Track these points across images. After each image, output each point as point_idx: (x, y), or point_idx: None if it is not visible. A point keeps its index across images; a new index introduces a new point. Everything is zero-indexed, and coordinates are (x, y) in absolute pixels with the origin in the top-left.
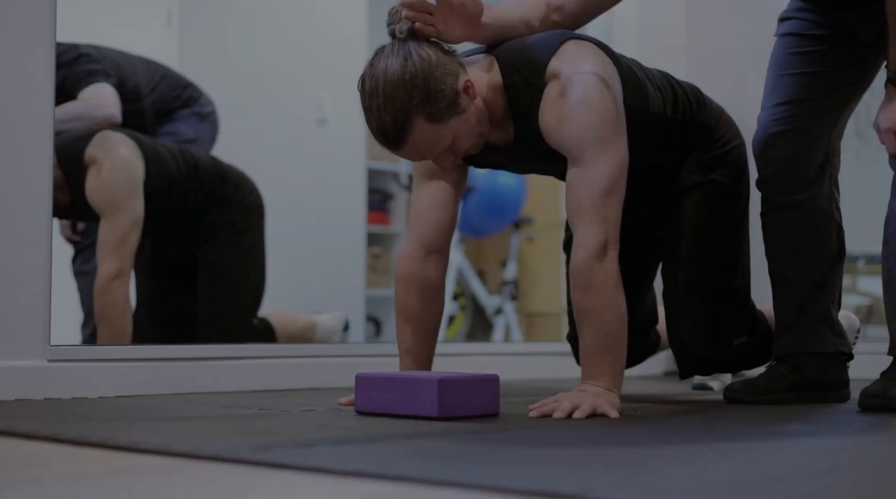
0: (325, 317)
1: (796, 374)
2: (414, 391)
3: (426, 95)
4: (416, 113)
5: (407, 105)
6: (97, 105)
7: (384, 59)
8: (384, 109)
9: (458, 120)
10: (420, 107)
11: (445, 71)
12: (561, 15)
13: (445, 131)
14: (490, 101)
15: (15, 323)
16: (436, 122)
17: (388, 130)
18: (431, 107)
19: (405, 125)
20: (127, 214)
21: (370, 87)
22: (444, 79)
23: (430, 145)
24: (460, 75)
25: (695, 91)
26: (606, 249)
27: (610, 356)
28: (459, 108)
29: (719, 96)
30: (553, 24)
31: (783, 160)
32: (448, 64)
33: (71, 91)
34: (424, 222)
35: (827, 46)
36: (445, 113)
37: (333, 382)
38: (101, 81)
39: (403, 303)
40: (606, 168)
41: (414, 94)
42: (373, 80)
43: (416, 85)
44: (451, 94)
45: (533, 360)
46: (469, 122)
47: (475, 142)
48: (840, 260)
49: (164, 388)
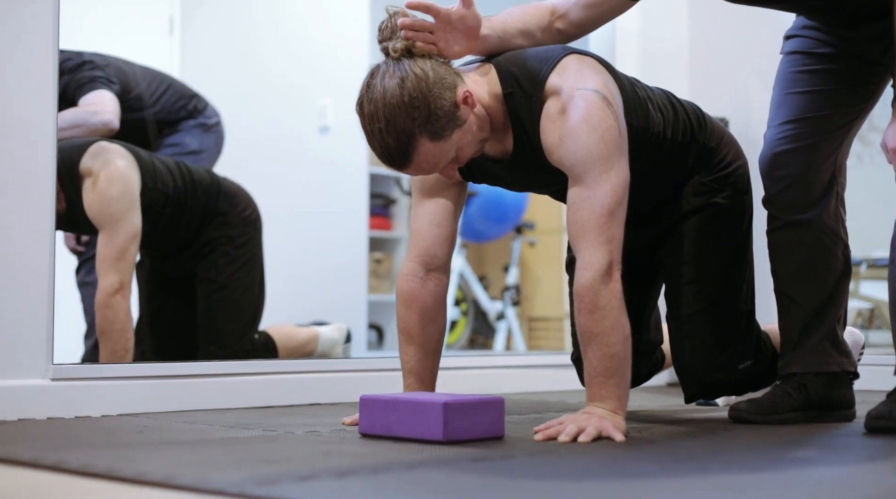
0: (327, 328)
1: (802, 393)
2: (418, 415)
3: (427, 115)
4: (419, 133)
5: (409, 127)
6: (94, 111)
7: (381, 81)
8: (386, 133)
9: (460, 132)
10: (422, 127)
11: (443, 85)
12: (564, 23)
13: (448, 146)
14: (490, 109)
15: (18, 342)
16: (439, 140)
17: (392, 152)
18: (433, 125)
19: (409, 147)
20: (125, 228)
21: (370, 110)
22: (442, 94)
23: (434, 161)
24: (458, 86)
25: (696, 111)
26: (611, 271)
27: (615, 378)
28: (460, 120)
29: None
30: (556, 32)
31: (790, 179)
32: (445, 76)
33: (73, 97)
34: (424, 241)
35: (833, 64)
36: (447, 128)
37: (336, 397)
38: (102, 88)
39: (405, 322)
40: (610, 187)
41: (415, 115)
42: (372, 103)
43: (416, 106)
44: (450, 108)
45: (536, 372)
46: (471, 132)
47: (478, 148)
48: (846, 279)
49: (167, 405)
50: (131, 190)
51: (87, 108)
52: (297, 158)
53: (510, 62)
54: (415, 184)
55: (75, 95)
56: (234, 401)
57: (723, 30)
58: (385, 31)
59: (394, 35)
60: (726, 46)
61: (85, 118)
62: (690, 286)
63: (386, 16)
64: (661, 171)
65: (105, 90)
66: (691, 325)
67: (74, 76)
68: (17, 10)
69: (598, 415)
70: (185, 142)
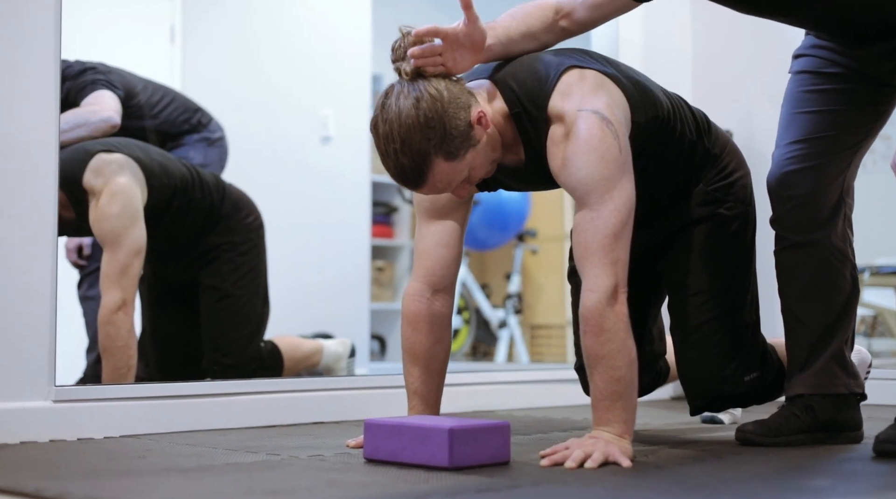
0: (331, 342)
1: (809, 415)
2: (424, 441)
3: (443, 135)
4: (435, 153)
5: (425, 147)
6: (95, 110)
7: (396, 101)
8: (402, 153)
9: (474, 152)
10: (438, 147)
11: (458, 105)
12: (569, 21)
13: (462, 165)
14: (500, 127)
15: (19, 364)
16: (453, 159)
17: (407, 172)
18: (448, 145)
19: (424, 167)
20: (127, 244)
21: (385, 131)
22: (457, 114)
23: (448, 181)
24: (472, 106)
25: (703, 116)
26: (616, 293)
27: (621, 402)
28: (474, 140)
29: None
30: (560, 30)
31: (798, 199)
32: (460, 96)
33: (75, 102)
34: (430, 261)
35: (842, 84)
36: (462, 148)
37: (340, 415)
38: (102, 88)
39: (410, 343)
40: (613, 207)
41: (431, 136)
42: (387, 124)
43: (431, 126)
44: (465, 128)
45: (540, 388)
46: (484, 152)
47: (490, 168)
48: (854, 300)
49: (169, 425)
50: (133, 205)
51: (88, 108)
52: (299, 169)
53: (510, 78)
54: (420, 205)
55: (77, 99)
56: (237, 420)
57: (727, 41)
58: (398, 51)
59: (406, 56)
60: (730, 58)
61: (86, 117)
62: (695, 298)
63: (398, 35)
64: (668, 164)
65: (105, 90)
66: (696, 336)
67: (76, 82)
68: (18, 22)
69: (604, 439)
70: (189, 156)
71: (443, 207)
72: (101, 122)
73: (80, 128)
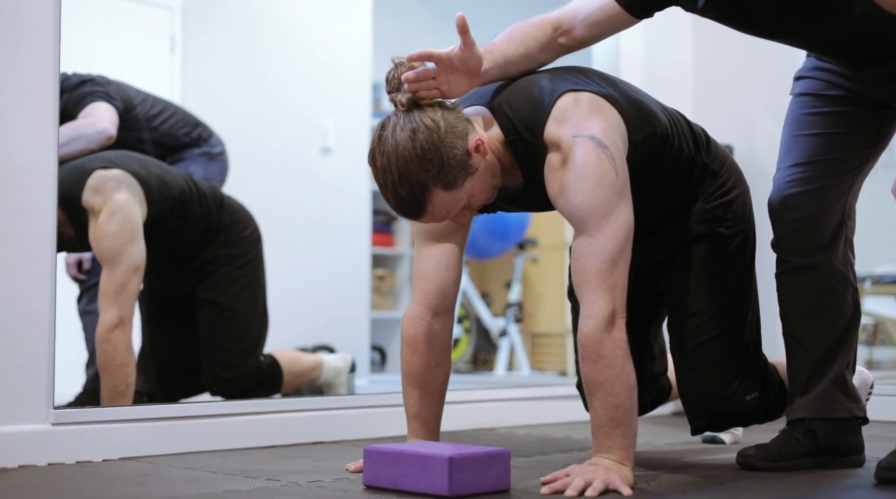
0: (332, 357)
1: (810, 439)
2: (424, 469)
3: (441, 166)
4: (433, 184)
5: (423, 178)
6: (90, 123)
7: (392, 134)
8: (400, 185)
9: (472, 180)
10: (436, 178)
11: (455, 134)
12: (568, 39)
13: (461, 194)
14: (498, 153)
15: (18, 387)
16: (452, 189)
17: (406, 204)
18: (446, 175)
19: (423, 198)
20: (125, 262)
21: (383, 164)
22: (455, 143)
23: (447, 209)
24: (470, 135)
25: (702, 132)
26: (614, 319)
27: (621, 428)
28: (472, 168)
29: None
30: (558, 47)
31: (799, 222)
32: (457, 125)
33: (72, 114)
34: (430, 284)
35: (844, 107)
36: (460, 177)
37: (340, 434)
38: (99, 101)
39: (410, 366)
40: (610, 232)
41: (428, 167)
42: (384, 156)
43: (428, 158)
44: (463, 157)
45: (539, 404)
46: (483, 179)
47: (490, 195)
48: (856, 324)
49: (168, 447)
50: (132, 222)
51: (84, 121)
52: (299, 180)
53: (506, 105)
54: (420, 227)
55: (74, 111)
56: (237, 441)
57: (727, 56)
58: (392, 82)
59: (401, 86)
60: (731, 73)
61: (82, 130)
62: (695, 318)
63: (391, 66)
64: (666, 180)
65: (102, 102)
66: (697, 356)
67: (73, 94)
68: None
69: (604, 467)
70: (191, 170)
71: (442, 229)
72: (98, 135)
73: (77, 141)
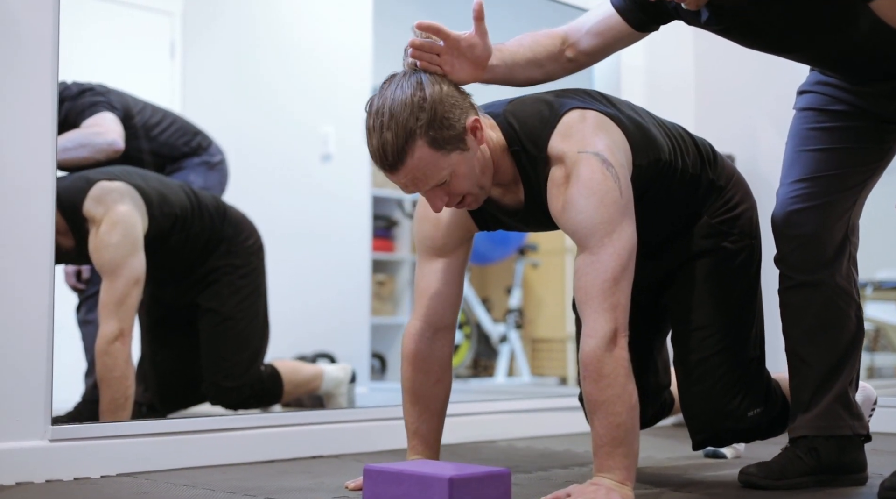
0: (332, 367)
1: (813, 457)
2: (424, 489)
3: (432, 119)
4: (420, 135)
5: (412, 125)
6: (99, 132)
7: (395, 83)
8: (387, 127)
9: (461, 156)
10: (424, 129)
11: (454, 103)
12: (575, 52)
13: (445, 163)
14: (497, 160)
15: (15, 404)
16: (437, 150)
17: (387, 149)
18: (435, 132)
19: (406, 145)
20: (125, 274)
21: (378, 105)
22: (452, 110)
23: (426, 174)
24: (470, 114)
25: (708, 147)
26: (616, 338)
27: (622, 448)
28: (464, 144)
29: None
30: (566, 61)
31: (803, 238)
32: (460, 100)
33: (74, 123)
34: (431, 300)
35: (847, 122)
36: (449, 143)
37: (340, 448)
38: (104, 111)
39: (411, 383)
40: (613, 251)
41: (420, 116)
42: (381, 99)
43: (423, 108)
44: (458, 128)
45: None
46: (470, 163)
47: (474, 191)
48: (859, 341)
49: (167, 463)
50: (133, 234)
51: (92, 129)
52: (300, 186)
53: (511, 116)
54: (422, 243)
55: (77, 120)
56: (236, 456)
57: (729, 65)
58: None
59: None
60: (733, 82)
61: (90, 138)
62: (698, 332)
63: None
64: (671, 201)
65: (108, 113)
66: (700, 371)
67: (75, 103)
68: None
69: (605, 486)
70: (190, 180)
71: (444, 245)
72: (107, 146)
73: (83, 148)
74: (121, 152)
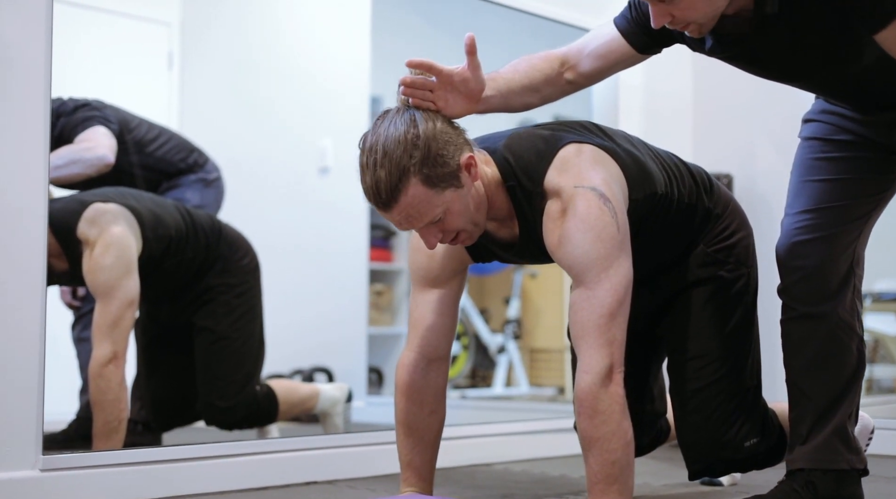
0: (328, 386)
1: (809, 491)
2: None
3: (426, 156)
4: (414, 172)
5: (405, 162)
6: (89, 147)
7: (389, 120)
8: (380, 165)
9: (455, 194)
10: (418, 167)
11: (448, 140)
12: (574, 74)
13: (439, 200)
14: (492, 195)
15: (6, 434)
16: (431, 187)
17: (381, 187)
18: (429, 169)
19: (400, 183)
20: (119, 296)
21: (371, 142)
22: (446, 147)
23: (420, 212)
24: (464, 151)
25: (703, 175)
26: (612, 374)
27: (616, 485)
28: (458, 182)
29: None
30: (565, 83)
31: (807, 269)
32: (454, 137)
33: (69, 139)
34: (426, 331)
35: (852, 152)
36: (443, 181)
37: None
38: (97, 125)
39: (404, 414)
40: (609, 286)
41: (414, 153)
42: (374, 136)
43: (416, 145)
44: (452, 165)
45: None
46: (464, 201)
47: (468, 228)
48: (860, 375)
49: (159, 491)
50: (127, 256)
51: (82, 145)
52: (298, 199)
53: (507, 151)
54: (416, 273)
55: (71, 135)
56: (229, 483)
57: (728, 84)
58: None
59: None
60: (731, 102)
61: (80, 154)
62: (695, 361)
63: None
64: (667, 231)
65: (100, 127)
66: (696, 401)
67: (70, 119)
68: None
69: None
70: (186, 197)
71: (438, 276)
72: (97, 160)
73: (75, 165)
74: (111, 166)
